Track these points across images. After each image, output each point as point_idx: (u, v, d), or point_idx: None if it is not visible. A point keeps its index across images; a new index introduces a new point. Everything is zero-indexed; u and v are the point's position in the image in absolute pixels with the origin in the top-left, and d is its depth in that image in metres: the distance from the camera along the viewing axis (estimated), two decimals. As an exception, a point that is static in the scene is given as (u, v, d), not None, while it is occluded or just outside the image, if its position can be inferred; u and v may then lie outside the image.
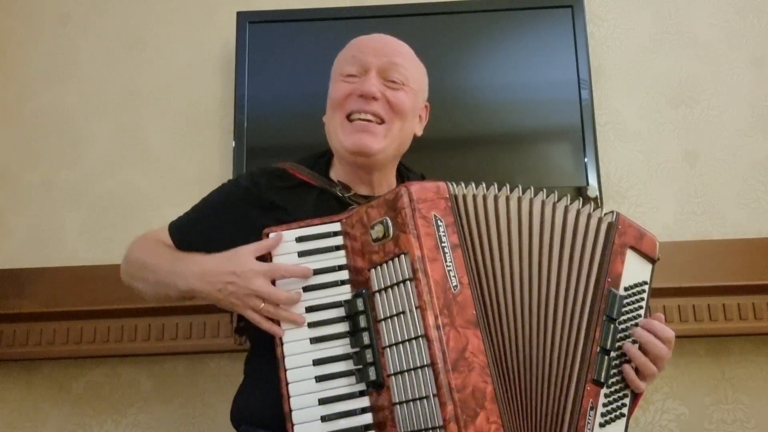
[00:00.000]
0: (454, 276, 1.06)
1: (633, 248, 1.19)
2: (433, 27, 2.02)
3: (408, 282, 1.05)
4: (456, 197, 1.12)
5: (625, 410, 1.14)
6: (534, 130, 1.95)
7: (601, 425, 1.10)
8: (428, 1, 2.05)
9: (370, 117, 1.29)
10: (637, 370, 1.14)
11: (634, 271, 1.18)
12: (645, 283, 1.20)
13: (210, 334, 1.85)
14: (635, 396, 1.16)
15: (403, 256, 1.06)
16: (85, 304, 1.87)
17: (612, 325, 1.13)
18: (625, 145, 2.01)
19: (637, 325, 1.16)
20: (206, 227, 1.31)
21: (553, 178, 1.90)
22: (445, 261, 1.06)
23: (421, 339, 1.02)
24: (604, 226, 1.18)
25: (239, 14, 2.04)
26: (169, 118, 2.09)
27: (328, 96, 1.36)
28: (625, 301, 1.16)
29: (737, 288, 1.80)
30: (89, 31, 2.18)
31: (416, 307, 1.03)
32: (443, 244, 1.07)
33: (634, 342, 1.15)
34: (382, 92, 1.29)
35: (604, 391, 1.11)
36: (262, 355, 1.22)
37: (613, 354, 1.13)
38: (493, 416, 1.00)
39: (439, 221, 1.08)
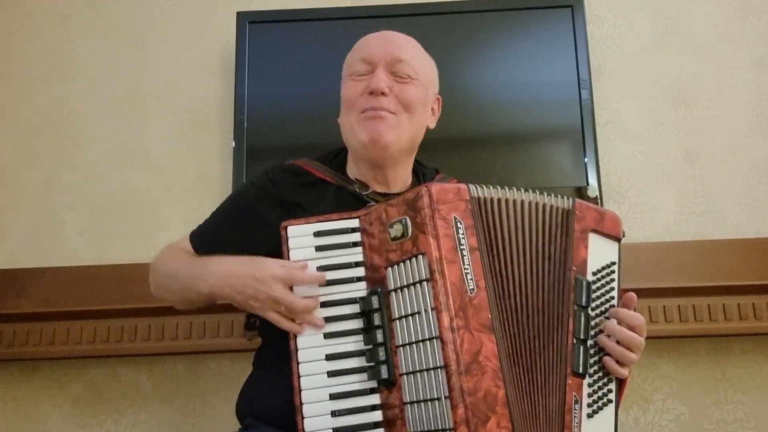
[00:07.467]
0: (471, 279, 1.06)
1: (595, 231, 1.18)
2: (433, 27, 2.01)
3: (425, 283, 1.05)
4: (476, 200, 1.11)
5: (612, 396, 1.13)
6: (534, 130, 1.94)
7: (589, 416, 1.10)
8: (428, 1, 2.05)
9: (381, 113, 1.29)
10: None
11: (600, 253, 1.17)
12: (613, 263, 1.19)
13: (210, 334, 1.85)
14: (621, 381, 1.15)
15: (420, 256, 1.05)
16: (85, 304, 1.87)
17: (583, 314, 1.12)
18: (625, 145, 2.01)
19: (613, 306, 1.16)
20: (224, 232, 1.32)
21: (553, 178, 1.90)
22: (463, 263, 1.06)
23: (435, 340, 1.02)
24: (562, 215, 1.16)
25: (239, 14, 2.04)
26: (169, 118, 2.09)
27: (341, 97, 1.36)
28: (595, 285, 1.15)
29: (737, 288, 1.80)
30: (89, 31, 2.18)
31: (432, 309, 1.03)
32: (462, 247, 1.06)
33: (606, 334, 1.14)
34: (390, 87, 1.29)
35: (587, 381, 1.11)
36: (274, 348, 1.22)
37: (590, 342, 1.12)
38: (504, 421, 1.00)
39: (458, 223, 1.08)
